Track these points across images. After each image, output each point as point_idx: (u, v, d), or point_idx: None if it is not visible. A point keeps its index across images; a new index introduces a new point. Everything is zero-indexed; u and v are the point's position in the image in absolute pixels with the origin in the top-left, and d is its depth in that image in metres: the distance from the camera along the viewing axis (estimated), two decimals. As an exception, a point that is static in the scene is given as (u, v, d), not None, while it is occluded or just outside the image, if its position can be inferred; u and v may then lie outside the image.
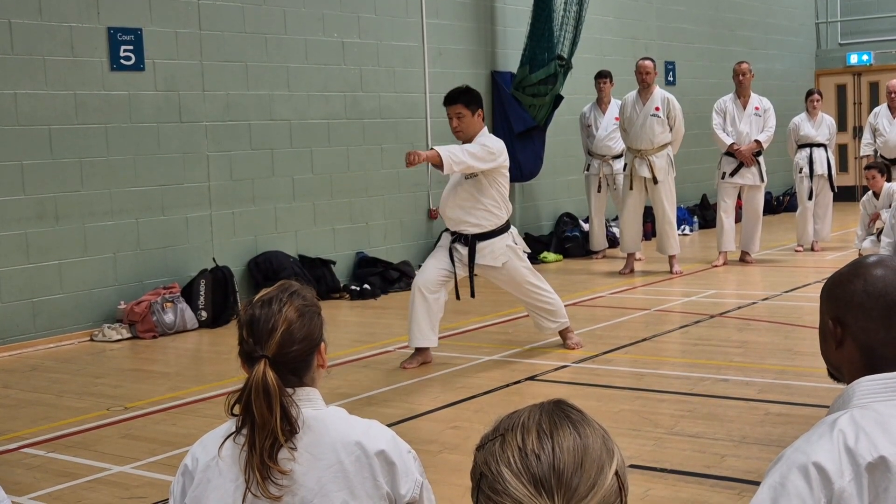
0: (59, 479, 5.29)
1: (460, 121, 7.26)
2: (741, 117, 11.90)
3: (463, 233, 7.40)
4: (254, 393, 2.33)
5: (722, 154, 12.06)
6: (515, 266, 7.50)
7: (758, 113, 11.92)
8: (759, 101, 12.00)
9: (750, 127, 11.87)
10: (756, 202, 12.12)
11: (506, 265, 7.45)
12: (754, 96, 12.02)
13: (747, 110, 11.91)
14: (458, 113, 7.25)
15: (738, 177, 11.96)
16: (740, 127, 11.87)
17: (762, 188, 12.16)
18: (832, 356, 2.17)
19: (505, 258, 7.43)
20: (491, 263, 7.42)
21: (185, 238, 9.87)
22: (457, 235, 7.44)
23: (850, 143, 19.47)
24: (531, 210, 13.82)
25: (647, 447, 5.36)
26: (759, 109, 11.95)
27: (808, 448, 1.95)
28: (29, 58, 8.73)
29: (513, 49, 13.20)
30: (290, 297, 2.46)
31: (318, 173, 11.07)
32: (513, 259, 7.48)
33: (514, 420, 1.41)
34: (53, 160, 8.89)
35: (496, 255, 7.42)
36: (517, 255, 7.52)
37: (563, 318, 7.77)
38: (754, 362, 7.23)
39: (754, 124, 11.90)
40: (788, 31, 19.73)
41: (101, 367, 8.06)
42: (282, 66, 10.66)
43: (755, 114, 11.91)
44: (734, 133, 11.88)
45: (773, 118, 11.97)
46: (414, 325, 7.41)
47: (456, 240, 7.44)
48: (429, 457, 5.11)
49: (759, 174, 11.97)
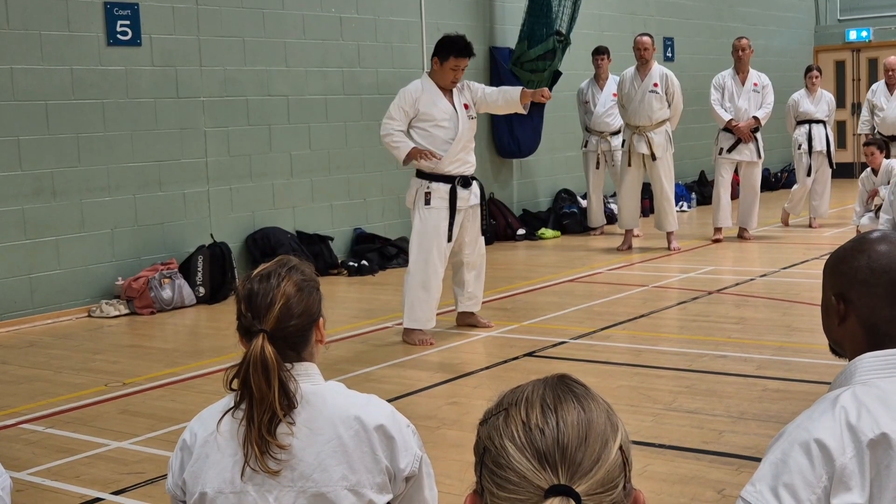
0: (57, 454, 5.29)
1: (462, 73, 7.44)
2: (740, 93, 11.86)
3: (465, 174, 7.53)
4: (252, 367, 2.32)
5: (719, 130, 12.03)
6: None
7: (756, 89, 11.89)
8: (757, 77, 11.97)
9: (748, 103, 11.84)
10: (753, 178, 12.10)
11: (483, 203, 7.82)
12: (753, 72, 11.98)
13: (746, 86, 11.87)
14: (465, 66, 7.42)
15: (735, 153, 11.93)
16: (739, 103, 11.84)
17: (759, 164, 12.15)
18: (835, 332, 2.16)
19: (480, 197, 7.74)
20: (475, 202, 7.66)
21: (182, 214, 9.85)
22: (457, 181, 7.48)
23: (848, 119, 19.43)
24: (529, 186, 13.80)
25: (645, 423, 5.36)
26: (758, 85, 11.91)
27: (810, 424, 1.94)
28: (25, 33, 8.68)
29: (511, 25, 13.14)
30: (289, 272, 2.44)
31: (316, 149, 11.04)
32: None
33: (518, 394, 1.40)
34: (50, 136, 8.86)
35: (478, 193, 7.71)
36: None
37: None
38: (752, 338, 7.23)
39: (753, 100, 11.87)
40: (787, 6, 19.66)
41: (99, 343, 8.06)
42: (279, 41, 10.61)
43: (754, 90, 11.88)
44: (732, 109, 11.85)
45: (771, 94, 11.94)
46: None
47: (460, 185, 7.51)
48: (427, 432, 5.11)
49: (757, 150, 11.95)
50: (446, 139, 7.43)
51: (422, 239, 7.45)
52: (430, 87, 7.47)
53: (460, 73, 7.35)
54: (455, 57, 7.33)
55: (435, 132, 7.43)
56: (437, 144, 7.41)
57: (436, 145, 7.40)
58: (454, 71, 7.34)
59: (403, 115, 7.46)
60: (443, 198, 7.42)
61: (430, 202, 7.42)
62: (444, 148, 7.41)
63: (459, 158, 7.46)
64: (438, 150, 7.38)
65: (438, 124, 7.44)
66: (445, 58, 7.36)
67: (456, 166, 7.46)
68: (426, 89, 7.47)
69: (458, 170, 7.47)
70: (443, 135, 7.44)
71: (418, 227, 7.46)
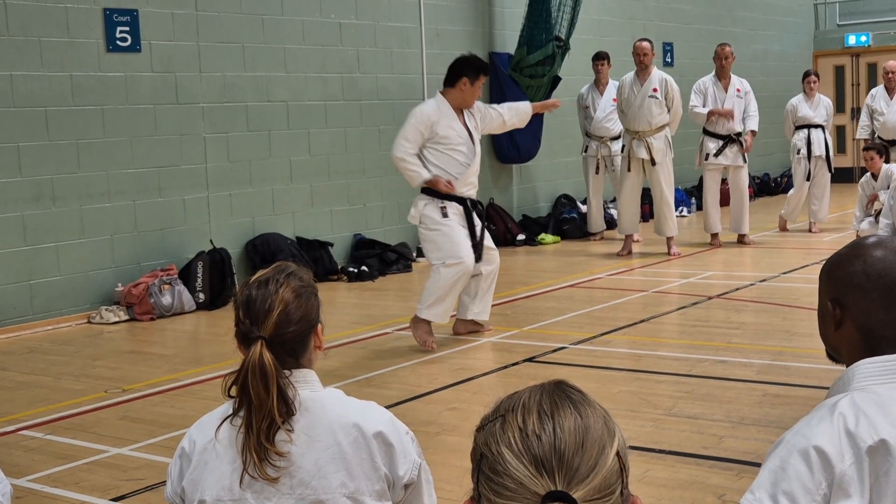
0: (57, 461, 5.29)
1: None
2: (724, 99, 11.91)
3: (473, 198, 7.55)
4: (250, 374, 2.32)
5: (703, 137, 12.08)
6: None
7: (739, 95, 11.95)
8: (739, 83, 12.03)
9: (733, 108, 11.88)
10: (742, 182, 12.15)
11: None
12: (734, 78, 12.04)
13: (729, 92, 11.93)
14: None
15: (722, 157, 11.99)
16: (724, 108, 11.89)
17: (745, 168, 12.21)
18: (831, 337, 2.16)
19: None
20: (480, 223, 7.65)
21: (182, 220, 9.85)
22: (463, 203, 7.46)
23: (847, 124, 19.44)
24: (529, 191, 13.80)
25: (645, 428, 5.36)
26: (741, 91, 11.97)
27: (809, 431, 1.94)
28: (25, 39, 8.69)
29: (510, 30, 13.16)
30: (287, 278, 2.44)
31: (316, 155, 11.05)
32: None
33: (515, 401, 1.40)
34: (50, 142, 8.86)
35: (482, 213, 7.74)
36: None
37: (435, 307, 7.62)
38: (752, 343, 7.23)
39: (737, 105, 11.91)
40: (787, 11, 19.67)
41: (98, 349, 8.06)
42: (279, 47, 10.62)
43: (738, 95, 11.93)
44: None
45: (754, 100, 12.06)
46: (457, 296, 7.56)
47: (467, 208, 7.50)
48: (427, 438, 5.11)
49: (742, 154, 12.00)
50: (462, 162, 7.43)
51: (449, 240, 7.32)
52: (447, 109, 7.41)
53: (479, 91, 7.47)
54: (484, 75, 7.42)
55: (451, 154, 7.42)
56: (451, 166, 7.39)
57: (450, 167, 7.38)
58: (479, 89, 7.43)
59: (420, 137, 7.36)
60: (458, 213, 7.43)
61: (448, 216, 7.39)
62: (458, 171, 7.40)
63: (471, 182, 7.51)
64: (453, 171, 7.38)
65: (455, 147, 7.43)
66: (476, 76, 7.36)
67: (468, 189, 7.49)
68: (443, 111, 7.40)
69: (469, 192, 7.50)
70: (458, 157, 7.43)
71: (443, 230, 7.34)
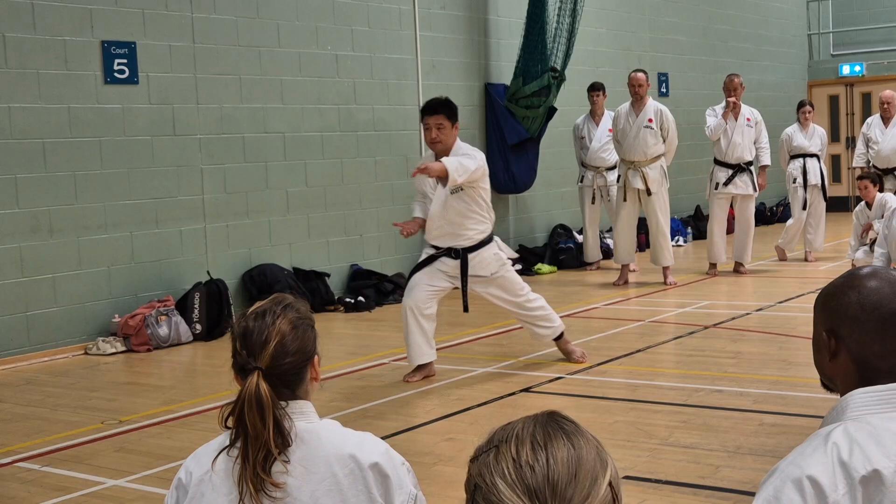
0: (53, 493, 5.28)
1: (440, 132, 7.03)
2: (734, 128, 11.93)
3: (455, 247, 7.29)
4: (247, 405, 2.33)
5: (714, 166, 12.09)
6: (504, 274, 7.44)
7: (749, 124, 11.97)
8: (750, 112, 12.05)
9: (742, 137, 11.91)
10: (748, 212, 12.16)
11: (495, 274, 7.38)
12: (745, 107, 12.06)
13: (739, 121, 11.94)
14: (438, 123, 7.02)
15: (731, 186, 11.99)
16: (734, 137, 11.90)
17: (754, 198, 12.21)
18: (826, 367, 2.17)
19: (494, 268, 7.37)
20: (482, 273, 7.32)
21: (179, 251, 9.87)
22: (445, 250, 7.32)
23: (842, 153, 19.52)
24: (525, 222, 13.83)
25: (641, 458, 5.35)
26: (751, 120, 12.00)
27: (802, 461, 1.95)
28: (23, 71, 8.73)
29: (506, 61, 13.22)
30: (284, 310, 2.46)
31: (312, 186, 11.07)
32: (501, 268, 7.43)
33: (508, 431, 1.41)
34: (47, 174, 8.89)
35: (486, 265, 7.34)
36: (505, 263, 7.49)
37: (556, 322, 7.67)
38: (748, 373, 7.23)
39: (747, 135, 11.94)
40: (781, 42, 19.79)
41: (95, 380, 8.05)
42: (276, 78, 10.67)
43: (747, 125, 11.96)
44: (727, 143, 11.91)
45: (765, 131, 12.07)
46: (411, 344, 7.34)
47: (444, 254, 7.32)
48: (423, 469, 5.11)
49: (752, 184, 12.01)
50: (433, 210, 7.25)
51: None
52: (430, 156, 7.29)
53: (435, 131, 7.03)
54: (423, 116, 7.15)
55: (426, 202, 7.36)
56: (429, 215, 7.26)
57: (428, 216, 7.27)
58: (427, 130, 7.10)
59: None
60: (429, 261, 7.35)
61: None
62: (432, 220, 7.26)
63: (445, 232, 7.25)
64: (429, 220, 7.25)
65: (427, 195, 7.33)
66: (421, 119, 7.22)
67: (441, 240, 7.29)
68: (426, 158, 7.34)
69: (446, 243, 7.28)
70: (430, 206, 7.26)
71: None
